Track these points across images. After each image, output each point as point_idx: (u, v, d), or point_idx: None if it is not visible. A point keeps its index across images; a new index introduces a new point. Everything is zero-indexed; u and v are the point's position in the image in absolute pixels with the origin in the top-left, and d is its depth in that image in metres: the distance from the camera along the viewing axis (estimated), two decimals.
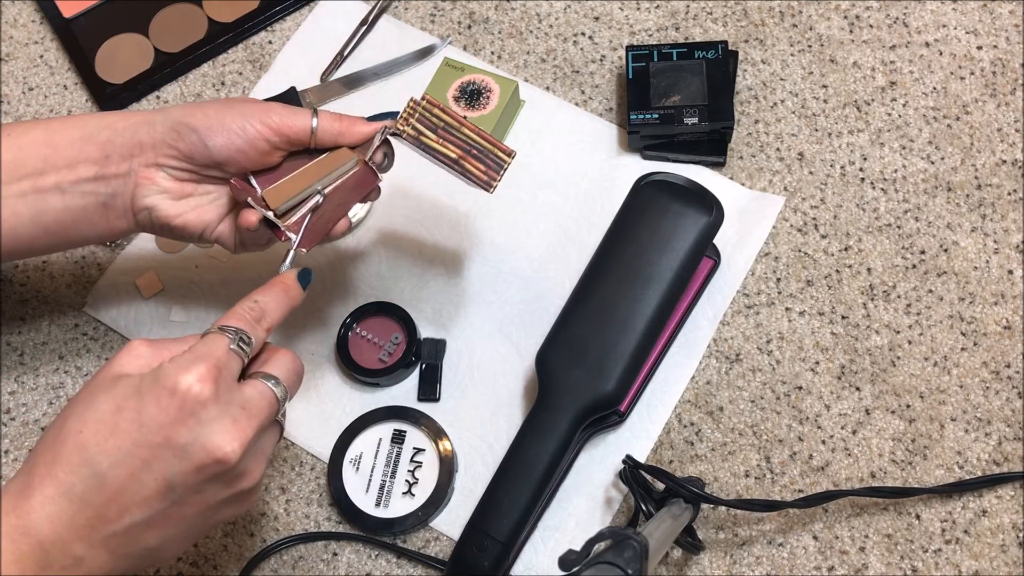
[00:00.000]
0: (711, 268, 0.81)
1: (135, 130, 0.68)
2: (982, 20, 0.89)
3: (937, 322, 0.80)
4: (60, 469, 0.55)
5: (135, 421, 0.55)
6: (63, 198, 0.68)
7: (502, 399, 0.80)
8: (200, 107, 0.69)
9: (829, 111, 0.87)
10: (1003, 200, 0.83)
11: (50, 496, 0.55)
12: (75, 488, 0.55)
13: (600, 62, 0.90)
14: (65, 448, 0.55)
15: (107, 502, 0.55)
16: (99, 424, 0.55)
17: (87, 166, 0.68)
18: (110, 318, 0.84)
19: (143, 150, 0.68)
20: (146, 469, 0.55)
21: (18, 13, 0.96)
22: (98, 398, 0.56)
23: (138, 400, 0.55)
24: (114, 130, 0.68)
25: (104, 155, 0.68)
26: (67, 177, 0.68)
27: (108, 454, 0.55)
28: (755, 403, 0.78)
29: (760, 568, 0.74)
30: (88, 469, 0.55)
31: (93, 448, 0.55)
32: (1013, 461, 0.76)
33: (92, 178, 0.68)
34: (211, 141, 0.67)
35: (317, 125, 0.69)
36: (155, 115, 0.69)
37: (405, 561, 0.76)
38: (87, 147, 0.68)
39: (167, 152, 0.68)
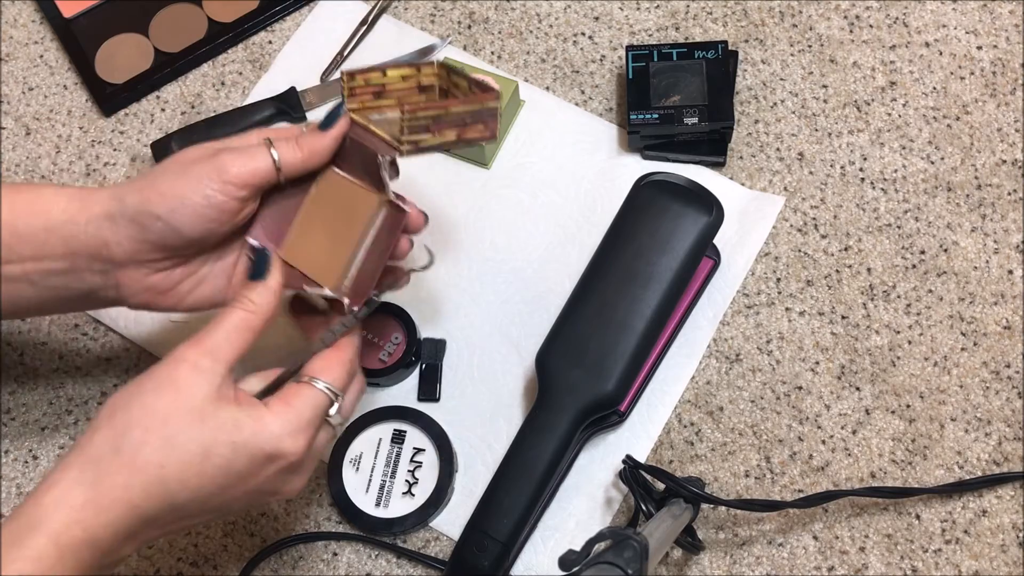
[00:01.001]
0: (711, 268, 0.81)
1: (97, 227, 0.62)
2: (982, 20, 0.89)
3: (937, 322, 0.80)
4: (137, 496, 0.55)
5: (223, 469, 0.56)
6: (34, 288, 0.63)
7: (502, 399, 0.80)
8: (153, 185, 0.61)
9: (829, 111, 0.87)
10: (1003, 200, 0.83)
11: (120, 517, 0.55)
12: (148, 514, 0.56)
13: (600, 62, 0.90)
14: (144, 477, 0.55)
15: (174, 522, 0.57)
16: (185, 465, 0.56)
17: (54, 260, 0.62)
18: (110, 318, 0.84)
19: (110, 250, 0.62)
20: (221, 507, 0.58)
21: (18, 13, 0.96)
22: (183, 434, 0.56)
23: (232, 453, 0.56)
24: (75, 224, 0.62)
25: (70, 251, 0.62)
26: (35, 268, 0.63)
27: (189, 491, 0.56)
28: (755, 403, 0.78)
29: (760, 568, 0.74)
30: (167, 503, 0.56)
31: (175, 485, 0.56)
32: (1013, 461, 0.76)
33: (62, 271, 0.63)
34: (179, 223, 0.61)
35: (280, 161, 0.63)
36: (112, 205, 0.62)
37: (405, 561, 0.76)
38: (50, 239, 0.62)
39: (137, 248, 0.62)
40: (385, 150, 0.63)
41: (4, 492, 0.80)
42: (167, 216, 0.61)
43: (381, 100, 0.68)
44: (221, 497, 0.57)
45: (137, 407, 0.56)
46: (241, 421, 0.57)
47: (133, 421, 0.56)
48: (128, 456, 0.55)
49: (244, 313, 0.60)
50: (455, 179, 0.87)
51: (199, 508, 0.57)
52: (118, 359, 0.83)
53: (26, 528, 0.54)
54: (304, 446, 0.58)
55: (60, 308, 0.67)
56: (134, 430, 0.56)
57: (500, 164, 0.87)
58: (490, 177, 0.87)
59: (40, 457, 0.81)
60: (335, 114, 0.64)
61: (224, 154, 0.62)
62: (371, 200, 0.64)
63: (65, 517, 0.54)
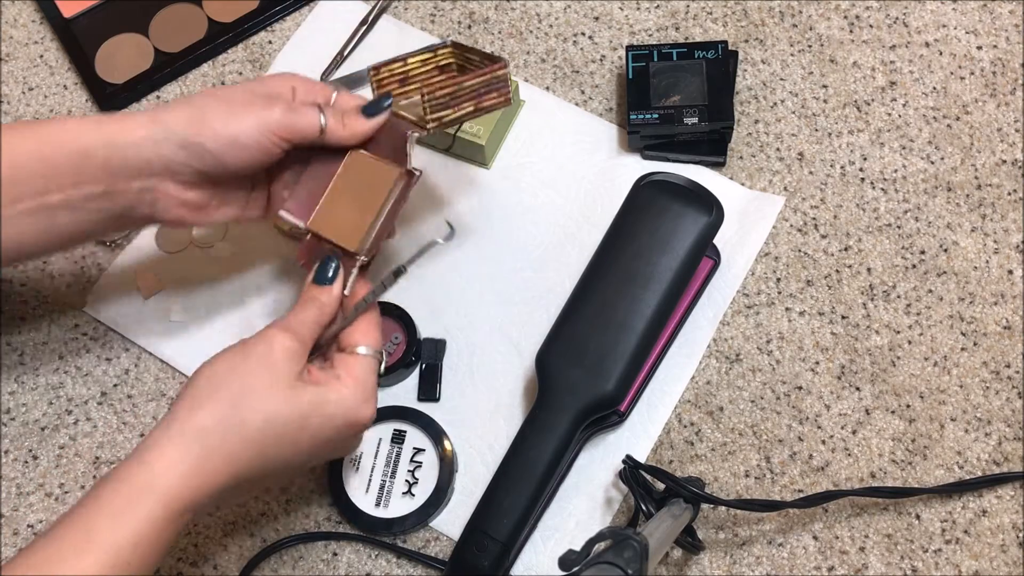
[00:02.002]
0: (711, 268, 0.81)
1: (139, 148, 0.66)
2: (982, 20, 0.89)
3: (937, 322, 0.80)
4: (240, 466, 0.62)
5: (313, 438, 0.64)
6: (74, 214, 0.67)
7: (502, 399, 0.80)
8: (203, 119, 0.66)
9: (829, 111, 0.87)
10: (1003, 200, 0.83)
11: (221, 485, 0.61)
12: (242, 481, 0.62)
13: (600, 62, 0.90)
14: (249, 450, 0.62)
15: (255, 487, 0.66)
16: (282, 437, 0.63)
17: (93, 184, 0.66)
18: (110, 318, 0.84)
19: (152, 169, 0.67)
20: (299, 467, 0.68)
21: (18, 13, 0.96)
22: (282, 410, 0.63)
23: (321, 424, 0.64)
24: (113, 146, 0.66)
25: (108, 173, 0.66)
26: (75, 195, 0.66)
27: (282, 460, 0.64)
28: (755, 403, 0.78)
29: (760, 568, 0.74)
30: (261, 470, 0.63)
31: (272, 454, 0.63)
32: (1013, 461, 0.76)
33: (101, 194, 0.67)
34: (227, 160, 0.67)
35: (326, 129, 0.69)
36: (156, 128, 0.66)
37: (405, 561, 0.76)
38: (87, 164, 0.66)
39: (182, 170, 0.67)
40: (414, 129, 0.70)
41: (4, 492, 0.80)
42: (218, 152, 0.67)
43: (407, 86, 0.76)
44: (302, 459, 0.65)
45: (238, 384, 0.62)
46: (327, 396, 0.64)
47: (236, 398, 0.62)
48: (235, 430, 0.61)
49: (316, 311, 0.67)
50: (455, 179, 0.87)
51: (283, 471, 0.65)
52: (118, 359, 0.83)
53: (137, 491, 0.59)
54: (374, 409, 0.67)
55: (95, 232, 0.70)
56: (240, 407, 0.62)
57: (500, 164, 0.87)
58: (490, 177, 0.87)
59: (40, 457, 0.81)
60: (381, 105, 0.71)
61: (278, 107, 0.68)
62: (392, 173, 0.70)
63: (175, 483, 0.59)
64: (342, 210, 0.71)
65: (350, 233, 0.70)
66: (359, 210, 0.70)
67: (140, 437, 0.81)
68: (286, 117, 0.67)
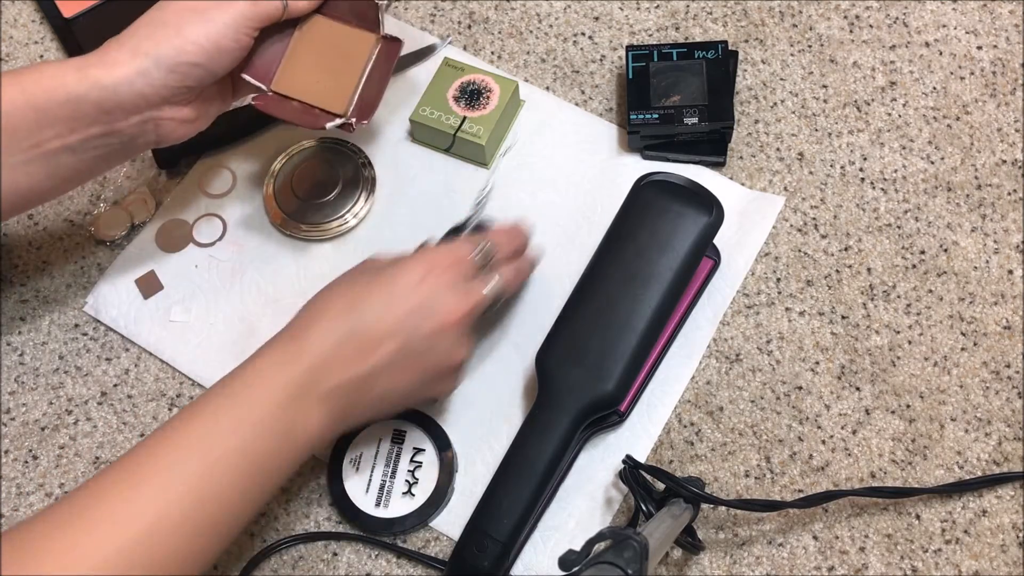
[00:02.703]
0: (711, 268, 0.81)
1: (131, 85, 0.68)
2: (982, 20, 0.89)
3: (937, 322, 0.80)
4: (326, 320, 0.66)
5: (389, 286, 0.67)
6: (75, 156, 0.69)
7: (502, 399, 0.80)
8: (181, 34, 0.68)
9: (829, 111, 0.87)
10: (1003, 200, 0.83)
11: (324, 330, 0.66)
12: (337, 332, 0.66)
13: (600, 62, 0.90)
14: (333, 307, 0.67)
15: (360, 345, 0.66)
16: (361, 288, 0.68)
17: (91, 127, 0.68)
18: (110, 318, 0.84)
19: (149, 101, 0.68)
20: (396, 322, 0.67)
21: (18, 13, 0.96)
22: (358, 277, 0.69)
23: (400, 270, 0.68)
24: (103, 88, 0.67)
25: (104, 113, 0.68)
26: (73, 139, 0.68)
27: (369, 303, 0.67)
28: (755, 403, 0.78)
29: (760, 568, 0.74)
30: (350, 320, 0.66)
31: (358, 301, 0.67)
32: (1013, 461, 0.76)
33: (100, 134, 0.69)
34: (215, 66, 0.70)
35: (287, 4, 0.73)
36: (142, 61, 0.68)
37: (405, 561, 0.76)
38: (80, 109, 0.67)
39: (174, 92, 0.69)
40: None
41: (4, 492, 0.80)
42: (206, 62, 0.69)
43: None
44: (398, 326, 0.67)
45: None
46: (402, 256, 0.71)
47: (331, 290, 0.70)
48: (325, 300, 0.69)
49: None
50: (455, 179, 0.87)
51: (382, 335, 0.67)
52: (118, 359, 0.83)
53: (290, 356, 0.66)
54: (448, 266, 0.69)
55: (101, 167, 0.73)
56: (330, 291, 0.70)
57: (500, 164, 0.87)
58: (490, 177, 0.87)
59: (40, 457, 0.81)
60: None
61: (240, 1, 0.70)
62: (368, 38, 0.77)
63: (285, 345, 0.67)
64: (310, 73, 0.75)
65: (330, 95, 0.75)
66: (332, 73, 0.76)
67: (140, 437, 0.81)
68: (251, 7, 0.70)
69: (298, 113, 0.76)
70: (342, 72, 0.76)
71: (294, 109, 0.76)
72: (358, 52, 0.76)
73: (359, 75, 0.76)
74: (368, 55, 0.76)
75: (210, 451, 0.61)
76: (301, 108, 0.76)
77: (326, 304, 0.68)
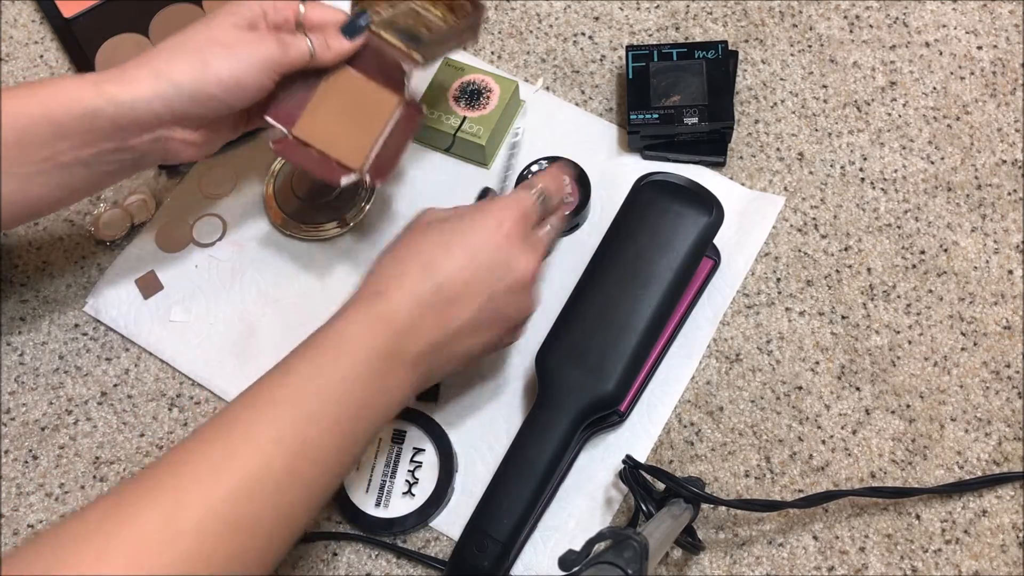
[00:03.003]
0: (711, 268, 0.81)
1: (148, 104, 0.69)
2: (982, 20, 0.89)
3: (937, 322, 0.80)
4: (408, 281, 0.66)
5: (465, 244, 0.67)
6: (87, 169, 0.70)
7: (502, 399, 0.80)
8: (207, 68, 0.69)
9: (829, 111, 0.87)
10: (1003, 200, 0.83)
11: (404, 296, 0.65)
12: (420, 293, 0.65)
13: (600, 62, 0.90)
14: (411, 267, 0.66)
15: (444, 306, 0.66)
16: (436, 246, 0.67)
17: (104, 142, 0.69)
18: (110, 318, 0.84)
19: (162, 121, 0.70)
20: (475, 281, 0.67)
21: (18, 13, 0.96)
22: (428, 232, 0.68)
23: (471, 226, 0.68)
24: (119, 105, 0.68)
25: (119, 129, 0.69)
26: (86, 152, 0.69)
27: (446, 269, 0.66)
28: (755, 403, 0.78)
29: (760, 568, 0.74)
30: (431, 281, 0.66)
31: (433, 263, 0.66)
32: (1013, 461, 0.76)
33: (113, 149, 0.70)
34: (233, 101, 0.71)
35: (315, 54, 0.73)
36: (162, 84, 0.69)
37: (405, 561, 0.76)
38: (96, 124, 0.68)
39: (188, 118, 0.70)
40: (408, 62, 0.76)
41: (4, 492, 0.80)
42: (225, 96, 0.70)
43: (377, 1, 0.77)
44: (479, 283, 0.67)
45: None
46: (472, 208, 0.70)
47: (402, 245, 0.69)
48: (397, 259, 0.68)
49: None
50: (455, 179, 0.87)
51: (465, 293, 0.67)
52: (118, 359, 0.83)
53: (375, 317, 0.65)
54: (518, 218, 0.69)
55: (109, 181, 0.74)
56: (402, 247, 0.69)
57: (500, 164, 0.87)
58: (490, 177, 0.87)
59: (40, 457, 0.81)
60: (358, 27, 0.75)
61: (271, 43, 0.71)
62: (391, 99, 0.76)
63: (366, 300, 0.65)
64: (332, 123, 0.75)
65: (348, 150, 0.75)
66: (353, 128, 0.75)
67: (140, 437, 0.81)
68: (280, 52, 0.71)
69: (315, 162, 0.75)
70: (362, 128, 0.76)
71: (312, 157, 0.75)
72: (380, 111, 0.76)
73: (378, 133, 0.76)
74: (389, 116, 0.76)
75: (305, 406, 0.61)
76: (319, 158, 0.75)
77: (403, 264, 0.67)
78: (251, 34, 0.71)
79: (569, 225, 0.83)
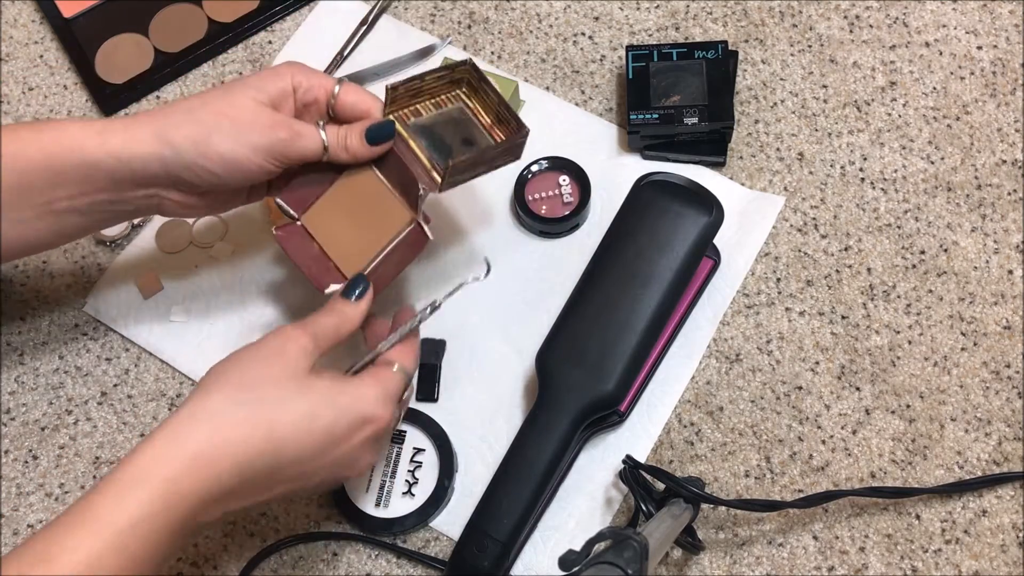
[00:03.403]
0: (711, 268, 0.81)
1: (145, 163, 0.67)
2: (982, 20, 0.89)
3: (937, 322, 0.80)
4: (248, 452, 0.60)
5: (326, 429, 0.62)
6: (81, 217, 0.70)
7: (502, 399, 0.80)
8: (209, 142, 0.67)
9: (829, 111, 0.87)
10: (1003, 200, 0.83)
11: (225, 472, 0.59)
12: (254, 465, 0.60)
13: (600, 62, 0.90)
14: (259, 434, 0.60)
15: (269, 483, 0.62)
16: (295, 425, 0.61)
17: (100, 193, 0.68)
18: (110, 318, 0.84)
19: (158, 182, 0.68)
20: (310, 474, 0.63)
21: (18, 13, 0.96)
22: (294, 398, 0.62)
23: (335, 415, 0.63)
24: (118, 159, 0.67)
25: (115, 183, 0.68)
26: (81, 202, 0.68)
27: (294, 451, 0.61)
28: (755, 403, 0.78)
29: (760, 568, 0.74)
30: (272, 462, 0.61)
31: (284, 443, 0.61)
32: (1013, 461, 0.76)
33: (108, 200, 0.69)
34: (231, 180, 0.69)
35: (329, 152, 0.70)
36: (162, 147, 0.67)
37: (405, 561, 0.76)
38: (94, 174, 0.67)
39: (184, 183, 0.69)
40: (426, 183, 0.71)
41: (4, 492, 0.80)
42: (222, 173, 0.68)
43: (417, 100, 0.74)
44: (316, 462, 0.63)
45: (250, 373, 0.62)
46: (342, 389, 0.64)
47: (247, 384, 0.62)
48: (245, 413, 0.60)
49: (338, 320, 0.67)
50: None
51: (294, 473, 0.62)
52: (118, 359, 0.83)
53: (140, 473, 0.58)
54: (392, 413, 0.66)
55: (103, 227, 0.74)
56: (249, 392, 0.61)
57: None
58: (490, 177, 0.86)
59: (40, 457, 0.81)
60: (384, 133, 0.71)
61: (281, 131, 0.68)
62: (403, 216, 0.71)
63: (177, 468, 0.58)
64: (340, 223, 0.72)
65: (348, 255, 0.72)
66: (360, 233, 0.72)
67: (140, 437, 0.81)
68: (288, 144, 0.68)
69: (312, 259, 0.72)
70: (368, 237, 0.72)
71: (310, 253, 0.72)
72: (391, 225, 0.71)
73: (382, 248, 0.71)
74: (398, 231, 0.71)
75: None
76: (318, 254, 0.72)
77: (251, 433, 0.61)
78: (268, 115, 0.68)
79: (569, 225, 0.83)
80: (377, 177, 0.72)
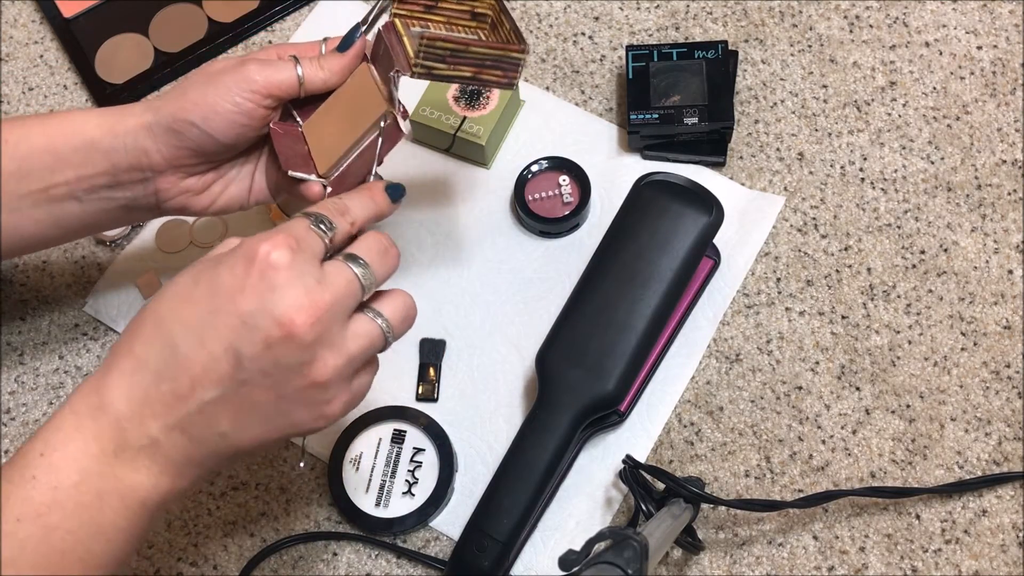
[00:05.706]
0: (711, 268, 0.81)
1: (135, 138, 0.67)
2: (982, 20, 0.89)
3: (937, 322, 0.80)
4: (137, 343, 0.55)
5: (209, 289, 0.55)
6: (80, 205, 0.69)
7: (502, 399, 0.80)
8: (184, 95, 0.67)
9: (829, 111, 0.87)
10: (1003, 200, 0.83)
11: (126, 371, 0.55)
12: (150, 361, 0.55)
13: (600, 62, 0.90)
14: (144, 325, 0.55)
15: (179, 374, 0.54)
16: (176, 296, 0.56)
17: (98, 175, 0.68)
18: (110, 318, 0.84)
19: (150, 157, 0.68)
20: (216, 338, 0.54)
21: (18, 13, 0.96)
22: (181, 276, 0.57)
23: (215, 269, 0.55)
24: (114, 135, 0.67)
25: (112, 163, 0.68)
26: (80, 186, 0.68)
27: (181, 322, 0.54)
28: (755, 403, 0.78)
29: (760, 568, 0.74)
30: (162, 340, 0.55)
31: (167, 318, 0.55)
32: (1013, 461, 0.76)
33: (106, 185, 0.69)
34: (213, 129, 0.67)
35: (303, 77, 0.68)
36: (149, 114, 0.67)
37: (405, 561, 0.76)
38: (92, 155, 0.68)
39: (175, 154, 0.68)
40: (402, 66, 0.66)
41: None
42: (201, 123, 0.66)
43: (430, 14, 0.70)
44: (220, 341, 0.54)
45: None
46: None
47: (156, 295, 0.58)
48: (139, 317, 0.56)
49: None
50: (455, 179, 0.87)
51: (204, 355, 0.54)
52: None
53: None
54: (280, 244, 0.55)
55: (101, 224, 0.72)
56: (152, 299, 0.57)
57: (500, 164, 0.87)
58: (490, 177, 0.87)
59: None
60: (351, 37, 0.69)
61: (250, 64, 0.67)
62: (380, 106, 0.67)
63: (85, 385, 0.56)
64: (330, 123, 0.69)
65: (326, 151, 0.68)
66: (338, 126, 0.69)
67: None
68: (260, 72, 0.66)
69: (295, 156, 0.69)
70: (346, 129, 0.68)
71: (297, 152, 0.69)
72: (366, 116, 0.68)
73: (355, 140, 0.68)
74: (372, 126, 0.67)
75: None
76: (305, 155, 0.69)
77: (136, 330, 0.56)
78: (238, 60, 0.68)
79: (569, 225, 0.83)
80: (370, 73, 0.69)
